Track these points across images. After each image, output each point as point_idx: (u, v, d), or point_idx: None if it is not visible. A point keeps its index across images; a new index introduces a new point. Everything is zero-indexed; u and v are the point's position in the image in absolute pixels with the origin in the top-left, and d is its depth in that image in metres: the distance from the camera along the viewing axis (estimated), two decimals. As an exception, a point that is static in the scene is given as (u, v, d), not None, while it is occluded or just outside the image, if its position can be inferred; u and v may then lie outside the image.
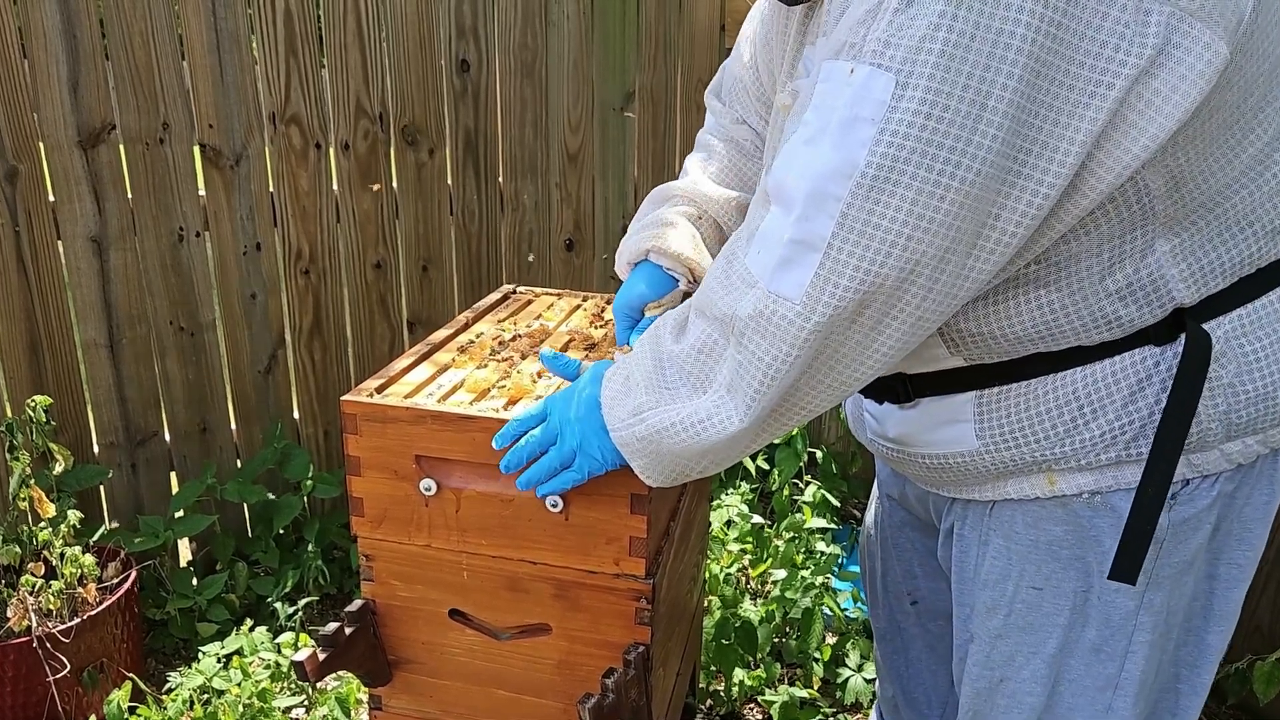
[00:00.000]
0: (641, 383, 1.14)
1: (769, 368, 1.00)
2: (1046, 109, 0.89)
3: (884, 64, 0.89)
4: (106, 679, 2.25)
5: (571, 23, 2.72)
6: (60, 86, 2.40)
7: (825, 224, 0.93)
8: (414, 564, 1.48)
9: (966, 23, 0.86)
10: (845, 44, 0.93)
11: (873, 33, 0.90)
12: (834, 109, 0.92)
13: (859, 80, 0.90)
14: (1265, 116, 1.00)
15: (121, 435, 2.68)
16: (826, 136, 0.93)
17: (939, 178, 0.89)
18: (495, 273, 2.91)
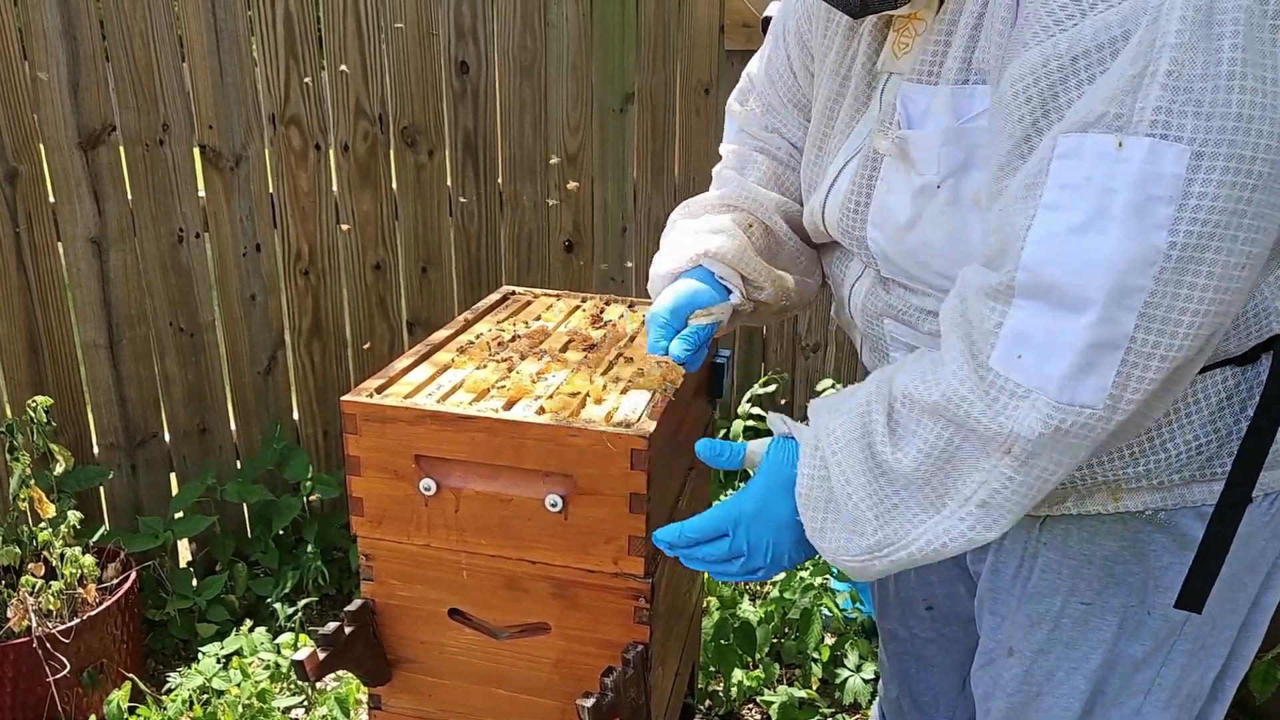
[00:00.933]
0: (861, 503, 1.02)
1: (1052, 477, 0.93)
2: None
3: (1170, 134, 0.82)
4: (106, 679, 2.25)
5: (571, 24, 2.73)
6: (60, 87, 2.41)
7: (1127, 319, 0.85)
8: (413, 563, 1.48)
9: (1258, 79, 0.81)
10: (1097, 115, 0.85)
11: (1145, 101, 0.82)
12: (1109, 191, 0.84)
13: (1139, 155, 0.83)
14: None
15: (121, 436, 2.69)
16: (1112, 223, 0.84)
17: (1245, 246, 0.83)
18: (494, 274, 2.91)
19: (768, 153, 1.44)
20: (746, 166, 1.44)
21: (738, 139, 1.49)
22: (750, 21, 2.76)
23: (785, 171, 1.42)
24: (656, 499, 1.41)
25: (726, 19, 2.81)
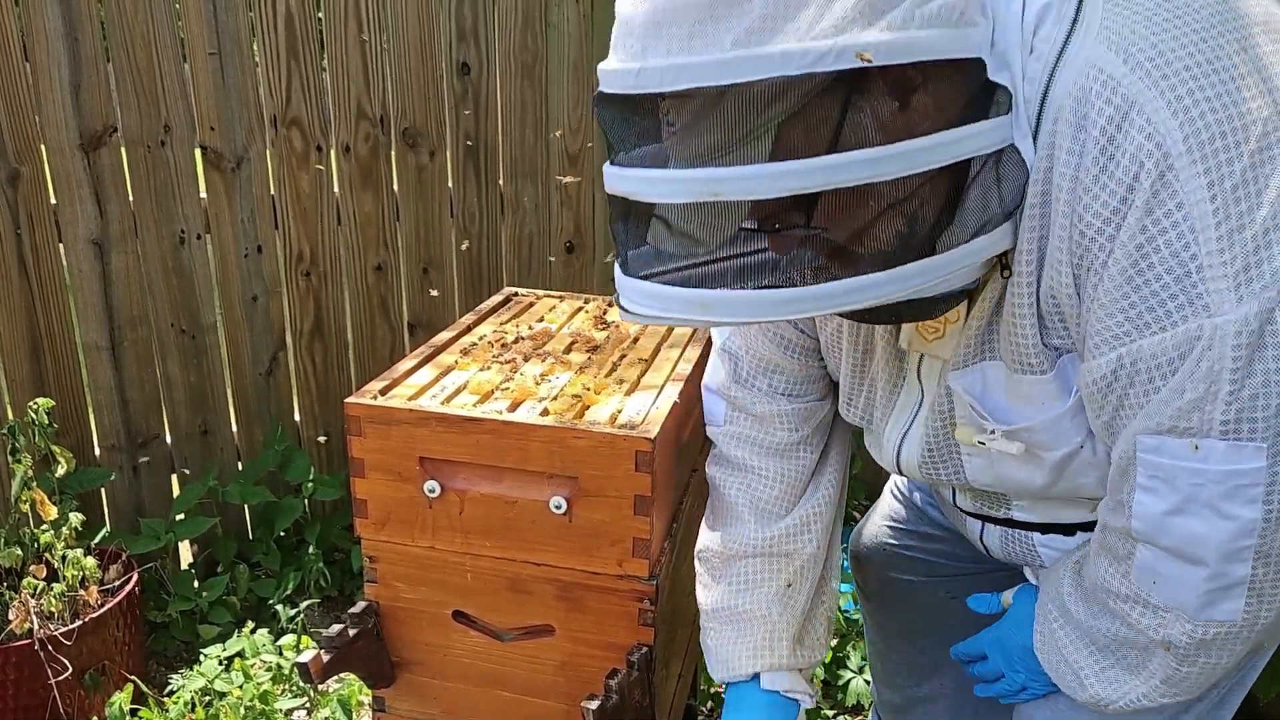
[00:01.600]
0: (1083, 665, 1.16)
1: (1216, 669, 1.05)
2: None
3: (1244, 436, 0.91)
4: (108, 681, 2.25)
5: (571, 25, 2.72)
6: (62, 89, 2.41)
7: (1241, 567, 0.96)
8: (418, 565, 1.48)
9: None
10: (1169, 427, 0.94)
11: (1213, 414, 0.91)
12: (1196, 485, 0.94)
13: (1217, 454, 0.92)
14: None
15: (123, 438, 2.68)
16: (1204, 508, 0.95)
17: None
18: (496, 275, 2.91)
19: (775, 451, 1.41)
20: (753, 478, 1.41)
21: (738, 438, 1.41)
22: (751, 22, 2.76)
23: (797, 464, 1.41)
24: (660, 501, 1.41)
25: (727, 20, 2.81)
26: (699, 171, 0.88)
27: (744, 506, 1.39)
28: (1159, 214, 0.89)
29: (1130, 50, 0.90)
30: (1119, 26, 0.92)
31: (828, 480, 1.42)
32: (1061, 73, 0.93)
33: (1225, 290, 0.88)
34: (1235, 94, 0.89)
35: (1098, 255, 0.93)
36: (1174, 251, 0.89)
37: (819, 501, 1.40)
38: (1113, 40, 0.91)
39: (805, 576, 1.39)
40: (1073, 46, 0.93)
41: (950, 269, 0.94)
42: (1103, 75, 0.91)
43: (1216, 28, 0.92)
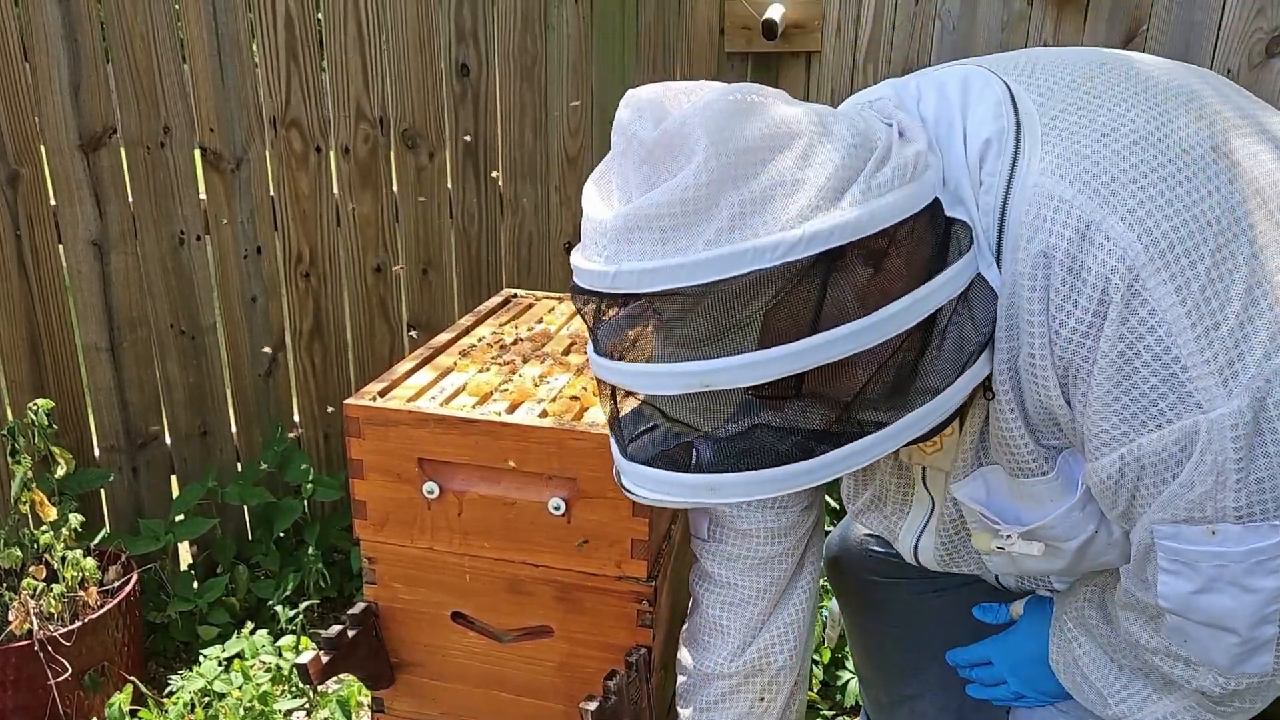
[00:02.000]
0: (1107, 685, 1.18)
1: (1251, 710, 1.09)
2: None
3: (1257, 516, 0.93)
4: (108, 682, 2.25)
5: (571, 26, 2.73)
6: (61, 90, 2.41)
7: (1269, 629, 0.99)
8: (416, 567, 1.48)
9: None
10: (1185, 517, 0.96)
11: (1224, 502, 0.94)
12: (1219, 566, 0.97)
13: (1235, 536, 0.95)
14: None
15: (122, 438, 2.68)
16: (1229, 585, 0.97)
17: None
18: (495, 276, 2.91)
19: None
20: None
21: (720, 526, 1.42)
22: (750, 24, 2.76)
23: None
24: (659, 502, 1.41)
25: (727, 21, 2.81)
26: (689, 365, 0.90)
27: (722, 623, 1.40)
28: (1134, 322, 0.92)
29: (1076, 173, 0.94)
30: (1060, 152, 0.96)
31: (804, 584, 1.44)
32: (1014, 202, 0.97)
33: (1213, 386, 0.91)
34: (1184, 197, 0.93)
35: (1082, 365, 0.96)
36: (1155, 355, 0.92)
37: (793, 611, 1.42)
38: (1057, 166, 0.95)
39: (778, 687, 1.42)
40: (1019, 177, 0.97)
41: (947, 406, 0.98)
42: (1054, 201, 0.94)
43: (1153, 135, 0.95)
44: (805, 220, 0.87)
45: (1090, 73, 1.04)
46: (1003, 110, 1.01)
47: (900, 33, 2.50)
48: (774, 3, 2.73)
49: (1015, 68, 1.07)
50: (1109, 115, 0.98)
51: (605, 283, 0.92)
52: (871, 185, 0.90)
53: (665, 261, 0.88)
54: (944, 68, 1.12)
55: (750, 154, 0.89)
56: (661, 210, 0.88)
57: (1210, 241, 0.92)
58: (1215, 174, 0.95)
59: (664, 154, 0.90)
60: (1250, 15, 1.98)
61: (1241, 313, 0.91)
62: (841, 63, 2.69)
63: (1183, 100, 1.01)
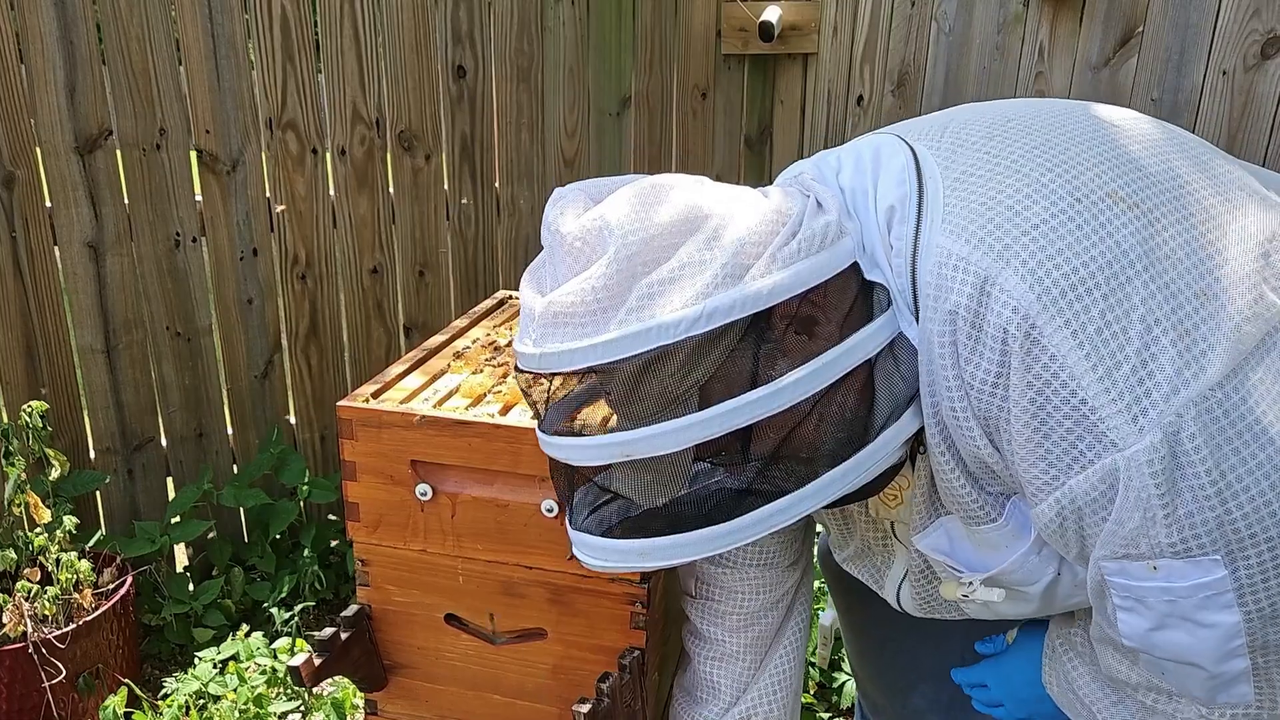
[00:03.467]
0: (1097, 702, 1.17)
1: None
2: None
3: (1195, 552, 0.93)
4: (102, 685, 2.24)
5: (567, 29, 2.73)
6: (57, 92, 2.41)
7: (1239, 661, 0.98)
8: (410, 569, 1.48)
9: (1238, 472, 0.91)
10: (1123, 554, 0.97)
11: (1158, 538, 0.94)
12: (1169, 601, 0.97)
13: (1177, 571, 0.95)
14: None
15: (118, 440, 2.68)
16: (1184, 621, 0.97)
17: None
18: (491, 278, 2.91)
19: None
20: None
21: (706, 584, 1.45)
22: (747, 26, 2.76)
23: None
24: (653, 504, 1.41)
25: (723, 23, 2.81)
26: (610, 437, 0.97)
27: (713, 679, 1.43)
28: (1038, 369, 0.95)
29: (972, 230, 0.99)
30: (959, 212, 1.00)
31: (790, 633, 1.46)
32: (920, 264, 1.02)
33: (1124, 425, 0.92)
34: (1076, 244, 0.95)
35: (999, 415, 0.99)
36: (1064, 399, 0.94)
37: (781, 662, 1.45)
38: (953, 227, 1.00)
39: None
40: (923, 240, 1.02)
41: (872, 461, 1.02)
42: (953, 259, 0.99)
43: (1047, 186, 0.99)
44: (707, 296, 0.93)
45: (993, 131, 1.07)
46: (905, 176, 1.05)
47: (896, 35, 2.50)
48: (771, 5, 2.73)
49: (928, 133, 1.12)
50: (1005, 172, 1.02)
51: (534, 364, 1.00)
52: (777, 257, 0.96)
53: (580, 343, 0.95)
54: (864, 138, 1.17)
55: (658, 240, 0.96)
56: (578, 299, 0.95)
57: (1104, 285, 0.94)
58: (1110, 217, 0.97)
59: (582, 248, 0.98)
60: (1246, 17, 1.98)
61: (1143, 350, 0.93)
62: (838, 64, 2.69)
63: (1088, 148, 1.03)
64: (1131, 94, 2.16)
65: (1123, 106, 1.30)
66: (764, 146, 2.96)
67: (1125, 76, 2.15)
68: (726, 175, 2.96)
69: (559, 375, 0.99)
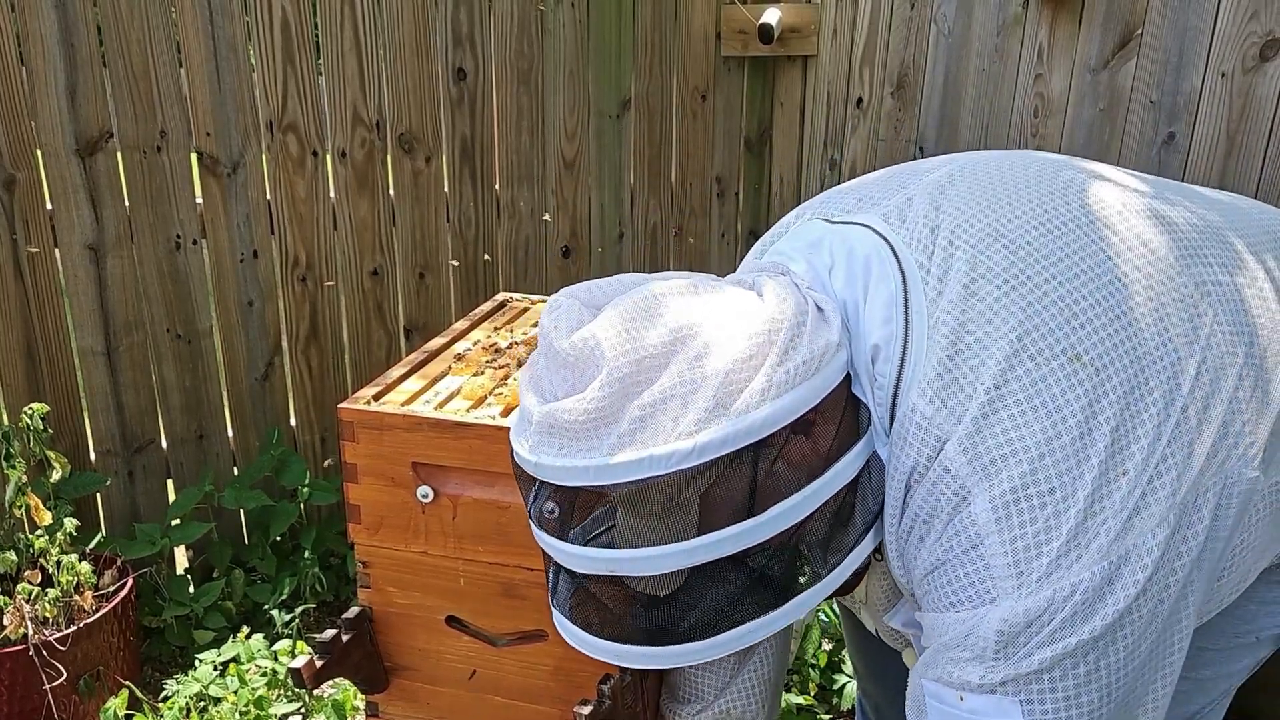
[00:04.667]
0: None
1: None
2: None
3: (1000, 692, 0.98)
4: (103, 687, 2.25)
5: (567, 31, 2.73)
6: (58, 94, 2.41)
7: None
8: (411, 570, 1.48)
9: (1068, 641, 0.96)
10: (937, 675, 1.03)
11: (970, 675, 0.99)
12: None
13: (980, 707, 1.00)
14: None
15: (118, 442, 2.68)
16: None
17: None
18: (492, 280, 2.91)
19: None
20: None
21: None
22: (747, 28, 2.76)
23: None
24: (653, 506, 1.41)
25: (723, 26, 2.81)
26: (598, 552, 0.99)
27: (697, 681, 1.46)
28: (957, 524, 1.00)
29: (936, 389, 1.01)
30: (930, 364, 1.02)
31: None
32: (899, 408, 1.04)
33: (1009, 588, 0.97)
34: (1018, 420, 0.98)
35: (916, 549, 1.05)
36: (970, 557, 1.00)
37: (760, 658, 1.46)
38: (925, 382, 1.02)
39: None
40: (903, 387, 1.03)
41: (843, 575, 1.06)
42: (917, 414, 1.02)
43: (1011, 342, 1.00)
44: (700, 429, 0.94)
45: (977, 255, 1.06)
46: (893, 313, 1.06)
47: (896, 37, 2.51)
48: (770, 7, 2.73)
49: (922, 232, 1.09)
50: (978, 318, 1.02)
51: (530, 468, 1.02)
52: (772, 384, 0.96)
53: (574, 462, 0.96)
54: (853, 230, 1.14)
55: (648, 361, 0.96)
56: (571, 418, 0.96)
57: (1024, 465, 0.97)
58: (1066, 387, 0.99)
59: (575, 363, 0.99)
60: (1244, 19, 1.98)
61: (1050, 519, 0.97)
62: (838, 67, 2.69)
63: (1055, 287, 1.03)
64: (1130, 96, 2.16)
65: (1122, 169, 1.31)
66: (764, 148, 2.96)
67: (1124, 79, 2.16)
68: (726, 177, 2.97)
69: (552, 486, 1.00)
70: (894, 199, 1.16)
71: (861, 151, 2.66)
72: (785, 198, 2.97)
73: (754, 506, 0.97)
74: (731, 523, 0.97)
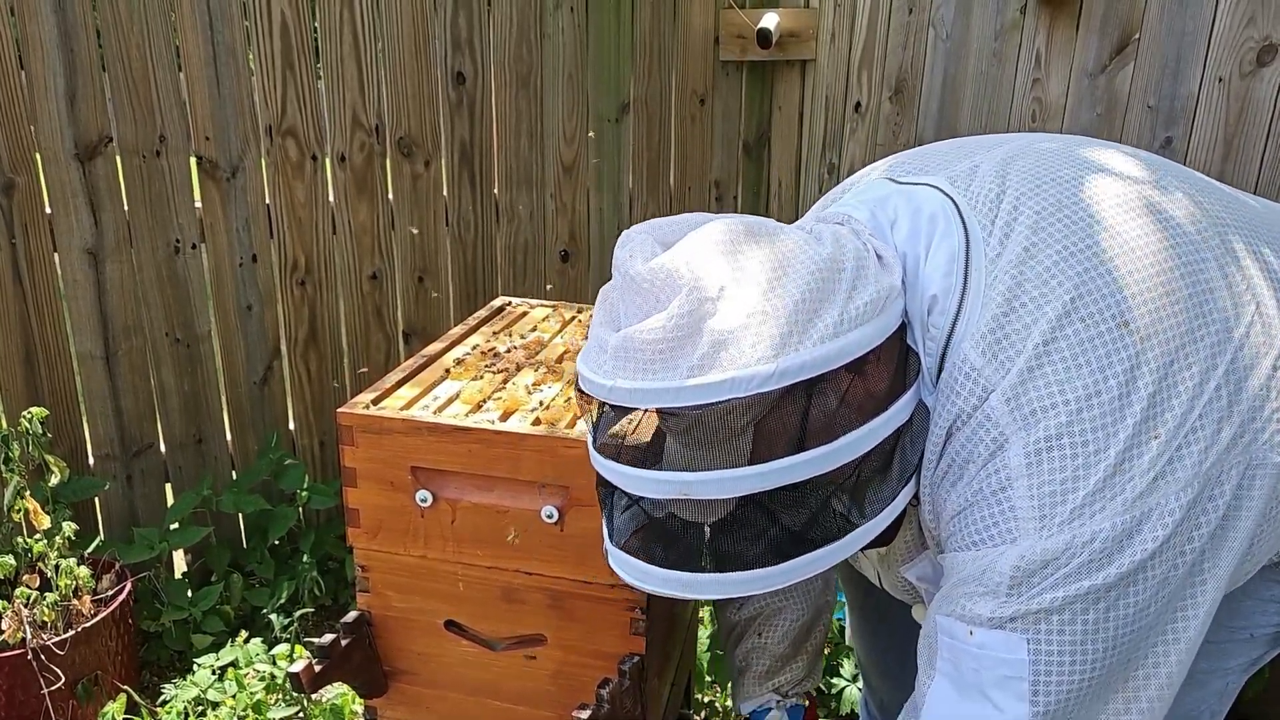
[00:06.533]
0: None
1: None
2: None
3: (1009, 628, 1.01)
4: (101, 691, 2.24)
5: (566, 35, 2.74)
6: (57, 98, 2.41)
7: None
8: (410, 575, 1.48)
9: (1080, 585, 0.99)
10: (949, 609, 1.06)
11: (982, 609, 1.03)
12: (974, 669, 1.05)
13: (989, 642, 1.03)
14: None
15: (117, 447, 2.68)
16: (983, 697, 1.04)
17: (1091, 695, 1.03)
18: (491, 284, 2.91)
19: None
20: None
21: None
22: (746, 33, 2.77)
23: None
24: (652, 510, 1.41)
25: (722, 30, 2.82)
26: (670, 475, 1.01)
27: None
28: (990, 470, 1.04)
29: (988, 342, 1.06)
30: (984, 322, 1.07)
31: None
32: (948, 362, 1.08)
33: (1030, 530, 1.01)
34: (1064, 375, 1.02)
35: (946, 493, 1.10)
36: (998, 501, 1.03)
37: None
38: (977, 335, 1.07)
39: (785, 633, 1.59)
40: (955, 339, 1.08)
41: (888, 519, 1.09)
42: (967, 365, 1.06)
43: (1065, 304, 1.04)
44: (779, 354, 0.97)
45: (1040, 221, 1.11)
46: (954, 268, 1.10)
47: (894, 40, 2.51)
48: (769, 12, 2.74)
49: (986, 198, 1.14)
50: (1036, 279, 1.07)
51: (604, 394, 1.03)
52: (844, 318, 1.00)
53: (652, 384, 0.98)
54: (925, 193, 1.18)
55: (724, 287, 0.99)
56: (648, 340, 0.98)
57: (1062, 415, 1.01)
58: (1113, 349, 1.03)
59: (651, 289, 1.01)
60: (1241, 24, 1.99)
61: (1079, 470, 1.00)
62: (836, 71, 2.70)
63: (1107, 259, 1.07)
64: (1128, 101, 2.16)
65: (1135, 147, 1.33)
66: (762, 152, 2.97)
67: (1122, 83, 2.16)
68: (725, 181, 2.97)
69: (626, 409, 1.02)
70: (961, 165, 1.20)
71: (860, 155, 2.66)
72: (784, 202, 2.98)
73: (820, 437, 0.99)
74: (798, 451, 0.99)
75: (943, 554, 1.12)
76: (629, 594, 1.40)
